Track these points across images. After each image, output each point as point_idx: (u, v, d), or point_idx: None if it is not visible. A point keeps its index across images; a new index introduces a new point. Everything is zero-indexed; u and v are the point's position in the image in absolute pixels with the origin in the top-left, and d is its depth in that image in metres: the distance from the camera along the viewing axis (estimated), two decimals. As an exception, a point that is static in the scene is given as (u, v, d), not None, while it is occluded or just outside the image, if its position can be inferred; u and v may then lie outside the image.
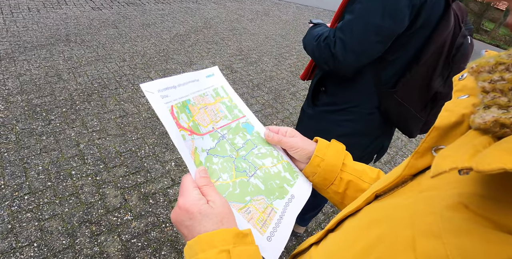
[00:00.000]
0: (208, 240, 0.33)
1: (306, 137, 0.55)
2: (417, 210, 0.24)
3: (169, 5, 5.29)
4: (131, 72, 2.93)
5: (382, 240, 0.25)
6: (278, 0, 8.39)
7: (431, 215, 0.22)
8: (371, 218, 0.30)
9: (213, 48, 3.95)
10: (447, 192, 0.23)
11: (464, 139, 0.24)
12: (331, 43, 0.87)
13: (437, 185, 0.25)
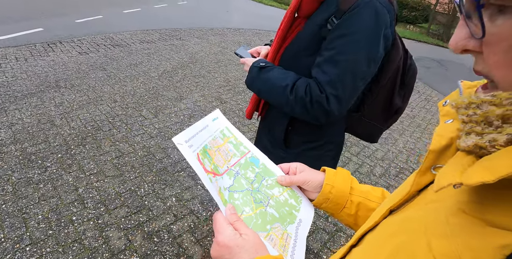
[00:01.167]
0: None
1: None
2: (428, 219, 0.30)
3: (154, 44, 5.51)
4: (123, 112, 2.99)
5: (403, 247, 0.30)
6: (258, 30, 8.83)
7: (439, 222, 0.28)
8: (389, 230, 0.35)
9: (200, 81, 4.09)
10: (448, 202, 0.29)
11: (455, 159, 0.30)
12: (322, 100, 0.81)
13: (440, 197, 0.31)
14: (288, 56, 0.94)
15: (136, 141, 2.57)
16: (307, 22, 0.90)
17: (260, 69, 0.91)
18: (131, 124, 2.80)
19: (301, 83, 0.85)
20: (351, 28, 0.77)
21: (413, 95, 5.48)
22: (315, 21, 0.86)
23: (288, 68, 0.91)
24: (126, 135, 2.64)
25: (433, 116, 4.62)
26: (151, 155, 2.43)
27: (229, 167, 0.56)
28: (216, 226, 0.44)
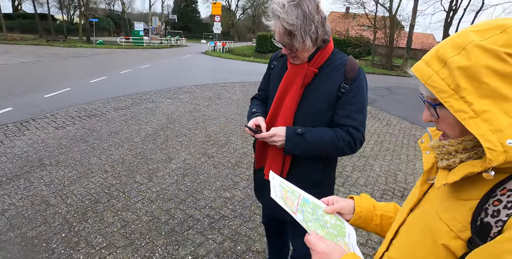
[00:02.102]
0: None
1: None
2: (435, 207, 0.57)
3: (129, 110, 5.72)
4: (117, 181, 3.05)
5: (427, 224, 0.56)
6: (223, 83, 9.44)
7: (441, 205, 0.55)
8: (415, 220, 0.62)
9: (184, 140, 4.29)
10: (441, 195, 0.57)
11: (440, 173, 0.57)
12: (361, 138, 1.17)
13: (437, 194, 0.59)
14: (306, 117, 1.21)
15: (138, 207, 2.63)
16: (312, 90, 1.19)
17: (301, 135, 1.16)
18: (128, 192, 2.86)
19: (340, 132, 1.16)
20: (360, 88, 1.17)
21: (375, 122, 6.09)
22: (325, 88, 1.17)
23: (311, 121, 1.20)
24: (126, 203, 2.69)
25: (396, 138, 5.13)
26: (156, 219, 2.49)
27: (296, 207, 0.79)
28: (312, 243, 0.67)
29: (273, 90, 1.31)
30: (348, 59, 1.20)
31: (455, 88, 0.48)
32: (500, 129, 0.45)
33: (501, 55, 0.45)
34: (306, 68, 1.17)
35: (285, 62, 1.29)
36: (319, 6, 1.07)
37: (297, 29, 1.04)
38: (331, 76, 1.17)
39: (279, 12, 1.03)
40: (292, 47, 1.11)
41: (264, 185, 1.42)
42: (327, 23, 1.12)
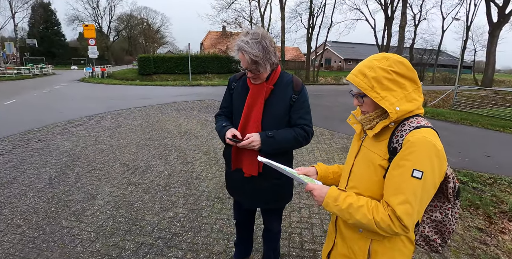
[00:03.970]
0: (331, 193, 1.06)
1: None
2: (370, 149, 1.08)
3: (13, 154, 4.88)
4: (40, 233, 2.71)
5: (368, 160, 1.07)
6: (117, 110, 8.90)
7: (372, 147, 1.07)
8: (360, 160, 1.13)
9: (100, 174, 4.03)
10: (371, 142, 1.09)
11: (368, 132, 1.08)
12: (312, 131, 1.65)
13: (368, 142, 1.10)
14: (271, 122, 1.61)
15: (80, 251, 2.44)
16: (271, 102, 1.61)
17: (272, 137, 1.55)
18: (60, 239, 2.60)
19: (298, 130, 1.61)
20: (305, 96, 1.65)
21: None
22: (280, 100, 1.60)
23: (275, 126, 1.60)
24: (63, 251, 2.45)
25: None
26: (106, 256, 2.38)
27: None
28: (311, 186, 1.11)
29: (238, 106, 1.66)
30: (293, 76, 1.67)
31: (371, 87, 1.01)
32: (393, 103, 0.99)
33: (388, 70, 1.00)
34: (266, 86, 1.58)
35: (244, 82, 1.67)
36: (271, 40, 1.49)
37: (260, 59, 1.44)
38: (284, 90, 1.61)
39: (245, 47, 1.41)
40: (257, 72, 1.50)
41: (240, 184, 1.74)
42: (276, 52, 1.55)
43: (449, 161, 4.33)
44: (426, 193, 0.95)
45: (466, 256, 2.52)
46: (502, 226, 3.04)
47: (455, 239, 2.76)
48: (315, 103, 2.18)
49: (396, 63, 1.01)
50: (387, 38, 27.99)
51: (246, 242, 2.20)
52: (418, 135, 0.95)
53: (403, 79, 1.01)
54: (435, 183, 0.96)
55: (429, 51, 37.71)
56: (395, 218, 0.94)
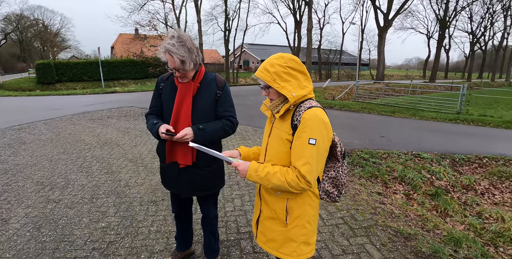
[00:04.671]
0: (252, 166, 1.31)
1: None
2: (279, 129, 1.36)
3: None
4: None
5: (278, 137, 1.35)
6: (17, 125, 7.76)
7: (282, 126, 1.35)
8: (273, 138, 1.40)
9: (9, 196, 3.56)
10: (278, 122, 1.38)
11: (276, 115, 1.36)
12: (236, 120, 1.88)
13: (277, 124, 1.39)
14: (200, 116, 1.78)
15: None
16: (199, 98, 1.78)
17: (203, 129, 1.73)
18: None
19: (224, 121, 1.79)
20: (228, 91, 1.88)
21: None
22: (206, 96, 1.77)
23: (203, 119, 1.77)
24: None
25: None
26: (31, 278, 2.21)
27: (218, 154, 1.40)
28: (236, 163, 1.33)
29: (168, 104, 1.79)
30: (216, 75, 1.87)
31: (273, 79, 1.28)
32: (290, 90, 1.29)
33: (284, 66, 1.29)
34: (193, 84, 1.75)
35: (172, 82, 1.81)
36: (194, 43, 1.67)
37: (187, 59, 1.60)
38: (209, 87, 1.80)
39: (172, 49, 1.57)
40: (184, 71, 1.65)
41: (176, 175, 1.87)
42: (199, 52, 1.72)
43: (354, 143, 5.18)
44: (321, 155, 1.28)
45: (370, 214, 3.12)
46: (395, 188, 3.81)
47: (361, 203, 3.37)
48: (237, 103, 2.40)
49: (290, 60, 1.31)
50: (297, 40, 30.43)
51: (187, 233, 2.32)
52: (310, 112, 1.26)
53: (296, 72, 1.32)
54: (326, 147, 1.30)
55: (334, 51, 42.18)
56: (301, 177, 1.24)
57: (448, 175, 4.55)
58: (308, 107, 1.29)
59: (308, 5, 21.23)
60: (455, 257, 2.52)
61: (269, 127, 1.46)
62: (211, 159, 1.85)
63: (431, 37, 42.36)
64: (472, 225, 3.23)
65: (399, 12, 26.88)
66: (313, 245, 1.48)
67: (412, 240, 2.73)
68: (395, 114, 9.88)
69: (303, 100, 1.34)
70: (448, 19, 34.35)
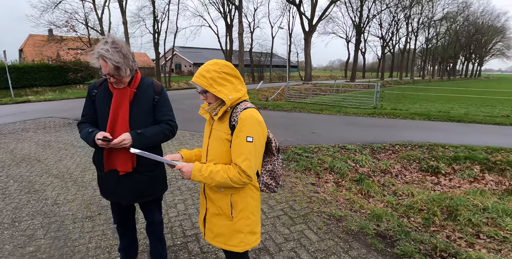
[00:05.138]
0: (195, 167, 1.39)
1: None
2: (219, 130, 1.47)
3: None
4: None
5: (218, 138, 1.46)
6: None
7: (221, 127, 1.46)
8: (213, 139, 1.50)
9: None
10: (217, 124, 1.48)
11: (214, 117, 1.47)
12: (176, 124, 1.90)
13: (216, 125, 1.49)
14: (138, 121, 1.76)
15: None
16: (136, 104, 1.76)
17: (141, 134, 1.72)
18: None
19: (164, 125, 1.79)
20: (166, 96, 1.91)
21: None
22: (144, 101, 1.78)
23: (142, 125, 1.75)
24: None
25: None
26: None
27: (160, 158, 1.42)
28: (180, 166, 1.39)
29: (103, 111, 1.73)
30: (153, 80, 1.87)
31: (210, 84, 1.39)
32: (226, 94, 1.40)
33: (219, 71, 1.41)
34: (129, 90, 1.73)
35: (106, 88, 1.75)
36: (129, 49, 1.66)
37: (122, 64, 1.59)
38: (146, 93, 1.80)
39: (106, 55, 1.54)
40: (119, 77, 1.63)
41: (116, 184, 1.82)
42: (135, 58, 1.70)
43: (288, 140, 5.57)
44: (258, 151, 1.42)
45: (306, 203, 3.43)
46: (326, 178, 4.23)
47: (298, 194, 3.67)
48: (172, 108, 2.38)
49: (224, 66, 1.43)
50: (229, 43, 30.82)
51: (131, 244, 2.26)
52: (246, 113, 1.40)
53: (230, 77, 1.44)
54: (262, 143, 1.44)
55: (265, 54, 43.77)
56: (241, 172, 1.37)
57: (369, 162, 5.22)
58: (244, 108, 1.42)
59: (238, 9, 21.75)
60: (377, 230, 2.94)
61: (209, 129, 1.55)
62: (152, 164, 1.86)
63: (350, 41, 46.96)
64: (389, 202, 3.79)
65: (321, 18, 29.21)
66: (258, 234, 1.62)
67: (343, 221, 3.09)
68: (323, 112, 10.80)
69: (238, 102, 1.47)
70: (362, 25, 38.70)
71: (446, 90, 26.29)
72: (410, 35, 48.73)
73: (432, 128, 8.15)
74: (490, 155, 5.72)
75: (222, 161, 1.46)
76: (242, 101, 1.48)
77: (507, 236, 3.07)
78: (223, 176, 1.37)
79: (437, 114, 10.13)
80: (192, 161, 1.64)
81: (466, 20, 55.51)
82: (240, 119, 1.38)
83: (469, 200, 3.78)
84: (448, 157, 5.63)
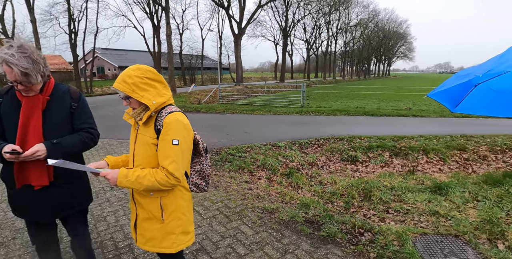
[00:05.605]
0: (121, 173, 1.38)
1: None
2: (143, 134, 1.48)
3: None
4: None
5: (144, 142, 1.47)
6: None
7: (147, 132, 1.47)
8: (139, 143, 1.51)
9: None
10: (143, 128, 1.50)
11: (140, 122, 1.48)
12: (97, 132, 1.80)
13: (141, 130, 1.51)
14: (54, 131, 1.61)
15: None
16: (51, 112, 1.63)
17: (57, 144, 1.58)
18: None
19: (83, 134, 1.69)
20: (85, 103, 1.78)
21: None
22: (60, 109, 1.65)
23: (58, 134, 1.62)
24: None
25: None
26: None
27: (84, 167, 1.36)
28: (104, 173, 1.36)
29: (11, 121, 1.56)
30: (69, 87, 1.75)
31: (132, 90, 1.40)
32: (150, 99, 1.42)
33: (142, 77, 1.42)
34: (41, 98, 1.58)
35: (13, 96, 1.58)
36: (40, 53, 1.53)
37: (30, 70, 1.45)
38: (61, 100, 1.67)
39: (12, 60, 1.40)
40: (29, 84, 1.48)
41: (31, 200, 1.65)
42: (47, 63, 1.57)
43: (222, 141, 5.69)
44: (185, 153, 1.47)
45: (241, 200, 3.57)
46: (259, 175, 4.44)
47: (233, 193, 3.79)
48: (96, 115, 2.19)
49: (147, 71, 1.45)
50: (157, 45, 29.56)
51: None
52: (171, 117, 1.43)
53: (153, 82, 1.46)
54: (188, 145, 1.49)
55: (196, 56, 43.14)
56: (169, 174, 1.40)
57: (298, 157, 5.63)
58: (169, 112, 1.45)
59: (165, 10, 20.97)
60: (306, 217, 3.23)
61: (134, 134, 1.55)
62: (72, 175, 1.74)
63: (278, 44, 49.16)
64: (316, 191, 4.17)
65: (249, 22, 30.08)
66: (192, 234, 1.66)
67: (275, 213, 3.31)
68: (255, 112, 11.19)
69: (163, 107, 1.49)
70: (288, 29, 40.93)
71: (362, 89, 29.53)
72: (331, 39, 53.44)
73: (351, 123, 9.13)
74: (397, 143, 6.68)
75: (149, 165, 1.47)
76: (167, 105, 1.51)
77: (409, 209, 3.65)
78: (151, 179, 1.38)
79: (355, 110, 11.37)
80: (119, 167, 1.60)
81: (376, 26, 63.43)
82: (165, 123, 1.40)
83: (380, 182, 4.38)
84: (364, 146, 6.39)
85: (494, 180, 4.38)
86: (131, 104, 1.47)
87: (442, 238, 2.93)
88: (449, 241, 2.88)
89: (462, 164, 6.24)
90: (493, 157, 6.51)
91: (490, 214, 3.31)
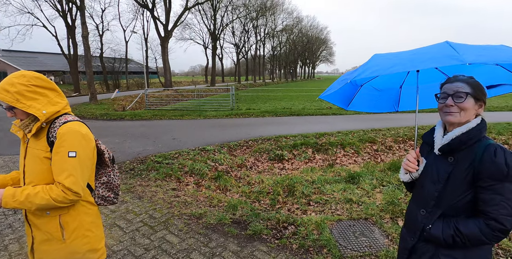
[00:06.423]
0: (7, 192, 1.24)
1: None
2: (33, 148, 1.34)
3: None
4: None
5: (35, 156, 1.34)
6: None
7: (33, 146, 1.34)
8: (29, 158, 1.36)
9: None
10: (33, 141, 1.36)
11: (29, 134, 1.33)
12: None
13: (31, 143, 1.36)
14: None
15: None
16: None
17: None
18: None
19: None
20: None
21: None
22: None
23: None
24: None
25: None
26: None
27: None
28: None
29: None
30: None
31: (16, 100, 1.25)
32: (39, 109, 1.28)
33: (27, 85, 1.27)
34: None
35: None
36: None
37: None
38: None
39: None
40: None
41: None
42: None
43: (148, 149, 5.43)
44: (85, 165, 1.36)
45: (167, 209, 3.47)
46: (187, 181, 4.37)
47: (158, 202, 3.66)
48: None
49: (33, 78, 1.31)
50: (73, 47, 26.64)
51: None
52: (66, 127, 1.32)
53: (43, 90, 1.33)
54: (89, 157, 1.38)
55: (119, 59, 40.14)
56: (66, 190, 1.28)
57: (227, 159, 5.70)
58: (64, 122, 1.34)
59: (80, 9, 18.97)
60: (233, 218, 3.29)
61: (24, 148, 1.39)
62: None
63: (207, 47, 48.83)
64: (244, 192, 4.27)
65: (176, 24, 29.15)
66: (102, 250, 1.54)
67: (203, 217, 3.29)
68: (184, 117, 10.95)
69: (57, 116, 1.37)
70: (217, 32, 40.93)
71: (290, 90, 31.25)
72: (259, 43, 55.34)
73: (278, 123, 9.59)
74: (318, 139, 7.25)
75: (42, 182, 1.33)
76: (62, 114, 1.39)
77: (327, 199, 4.00)
78: (44, 197, 1.25)
79: (282, 111, 11.99)
80: (8, 186, 1.41)
81: (300, 32, 67.80)
82: (59, 134, 1.29)
83: (303, 177, 4.71)
84: (289, 145, 6.79)
85: (396, 166, 5.11)
86: (17, 115, 1.33)
87: (354, 222, 3.30)
88: (360, 224, 3.26)
89: (372, 154, 7.10)
90: (397, 147, 7.57)
91: (392, 196, 3.84)
